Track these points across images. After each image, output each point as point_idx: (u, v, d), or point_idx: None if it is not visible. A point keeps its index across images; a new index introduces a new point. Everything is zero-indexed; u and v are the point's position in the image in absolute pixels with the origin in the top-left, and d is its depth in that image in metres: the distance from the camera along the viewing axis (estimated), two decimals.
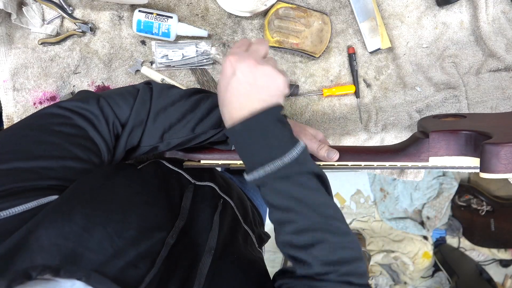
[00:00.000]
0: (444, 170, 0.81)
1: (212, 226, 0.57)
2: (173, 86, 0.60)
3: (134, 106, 0.54)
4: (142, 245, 0.43)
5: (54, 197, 0.42)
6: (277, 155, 0.46)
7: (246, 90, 0.46)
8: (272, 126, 0.47)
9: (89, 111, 0.51)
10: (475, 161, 0.56)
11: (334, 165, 0.61)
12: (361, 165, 0.61)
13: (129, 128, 0.54)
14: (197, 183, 0.65)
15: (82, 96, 0.53)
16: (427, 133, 0.58)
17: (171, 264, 0.45)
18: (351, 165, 0.61)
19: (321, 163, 0.61)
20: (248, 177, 0.49)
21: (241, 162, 0.62)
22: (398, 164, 0.60)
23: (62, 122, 0.48)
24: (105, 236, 0.41)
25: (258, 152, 0.47)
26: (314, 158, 0.60)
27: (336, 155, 0.58)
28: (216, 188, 0.67)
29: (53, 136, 0.47)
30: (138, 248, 0.43)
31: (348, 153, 0.61)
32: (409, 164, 0.59)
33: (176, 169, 0.65)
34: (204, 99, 0.59)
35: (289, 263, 0.51)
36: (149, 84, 0.58)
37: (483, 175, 0.50)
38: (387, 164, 0.60)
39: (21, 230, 0.37)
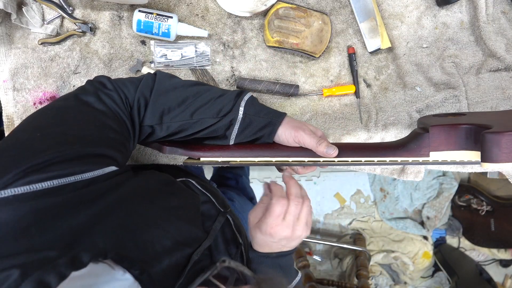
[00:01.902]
0: (445, 166, 0.81)
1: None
2: (177, 76, 0.64)
3: (138, 86, 0.58)
4: (174, 257, 0.48)
5: (113, 168, 0.47)
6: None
7: (286, 245, 0.62)
8: (291, 262, 0.66)
9: (110, 91, 0.56)
10: (476, 155, 0.56)
11: (334, 161, 0.61)
12: (361, 161, 0.61)
13: (136, 105, 0.58)
14: (226, 214, 0.71)
15: (100, 80, 0.58)
16: (427, 129, 0.58)
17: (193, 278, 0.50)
18: (351, 161, 0.61)
19: (321, 159, 0.61)
20: None
21: (241, 159, 0.62)
22: (399, 159, 0.60)
23: (93, 101, 0.54)
24: (150, 238, 0.45)
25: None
26: (314, 154, 0.60)
27: (335, 151, 0.59)
28: (232, 222, 0.73)
29: (90, 111, 0.52)
30: (171, 258, 0.47)
31: (348, 149, 0.60)
32: (410, 159, 0.59)
33: (207, 193, 0.72)
34: (204, 90, 0.61)
35: None
36: (155, 74, 0.62)
37: (485, 165, 0.50)
38: (387, 159, 0.60)
39: (94, 209, 0.41)
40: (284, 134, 0.60)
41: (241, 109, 0.59)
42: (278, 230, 0.57)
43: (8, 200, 0.36)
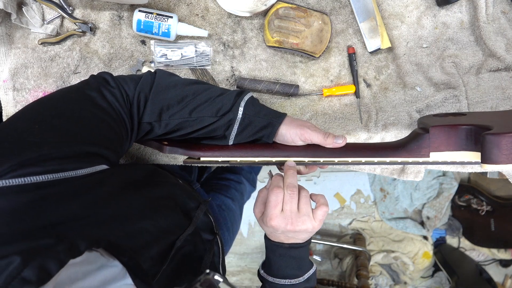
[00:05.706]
0: (445, 167, 0.81)
1: (207, 250, 0.66)
2: (177, 75, 0.64)
3: (138, 83, 0.59)
4: (161, 244, 0.50)
5: (104, 166, 0.49)
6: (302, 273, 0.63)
7: (295, 237, 0.60)
8: (305, 255, 0.63)
9: (112, 89, 0.56)
10: (476, 156, 0.56)
11: (334, 161, 0.61)
12: (361, 161, 0.61)
13: (136, 102, 0.58)
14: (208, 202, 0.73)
15: (104, 76, 0.58)
16: (427, 129, 0.58)
17: (178, 264, 0.53)
18: (351, 161, 0.61)
19: (321, 159, 0.61)
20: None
21: (241, 159, 0.62)
22: (399, 160, 0.60)
23: (95, 96, 0.54)
24: (139, 228, 0.47)
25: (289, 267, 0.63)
26: (314, 154, 0.60)
27: (343, 140, 0.60)
28: (209, 211, 0.75)
29: (91, 107, 0.52)
30: (158, 246, 0.49)
31: (348, 149, 0.61)
32: (410, 160, 0.59)
33: (186, 185, 0.74)
34: (204, 88, 0.61)
35: None
36: (155, 72, 0.62)
37: (485, 166, 0.50)
38: (387, 160, 0.60)
39: (87, 200, 0.42)
40: (289, 134, 0.60)
41: (241, 109, 0.59)
42: (278, 222, 0.56)
43: (1, 191, 0.37)
